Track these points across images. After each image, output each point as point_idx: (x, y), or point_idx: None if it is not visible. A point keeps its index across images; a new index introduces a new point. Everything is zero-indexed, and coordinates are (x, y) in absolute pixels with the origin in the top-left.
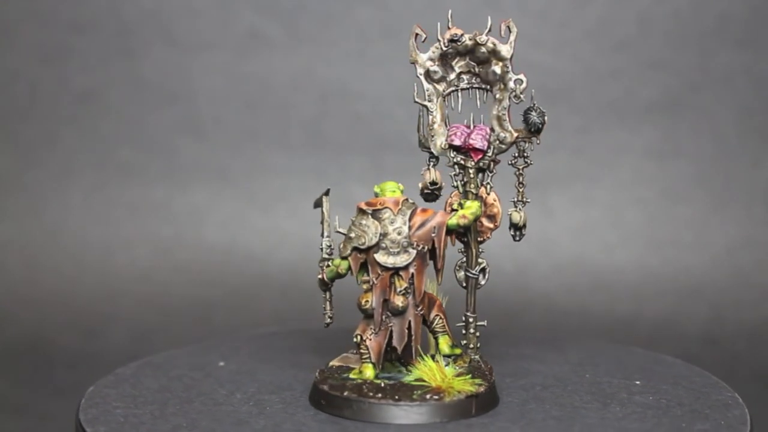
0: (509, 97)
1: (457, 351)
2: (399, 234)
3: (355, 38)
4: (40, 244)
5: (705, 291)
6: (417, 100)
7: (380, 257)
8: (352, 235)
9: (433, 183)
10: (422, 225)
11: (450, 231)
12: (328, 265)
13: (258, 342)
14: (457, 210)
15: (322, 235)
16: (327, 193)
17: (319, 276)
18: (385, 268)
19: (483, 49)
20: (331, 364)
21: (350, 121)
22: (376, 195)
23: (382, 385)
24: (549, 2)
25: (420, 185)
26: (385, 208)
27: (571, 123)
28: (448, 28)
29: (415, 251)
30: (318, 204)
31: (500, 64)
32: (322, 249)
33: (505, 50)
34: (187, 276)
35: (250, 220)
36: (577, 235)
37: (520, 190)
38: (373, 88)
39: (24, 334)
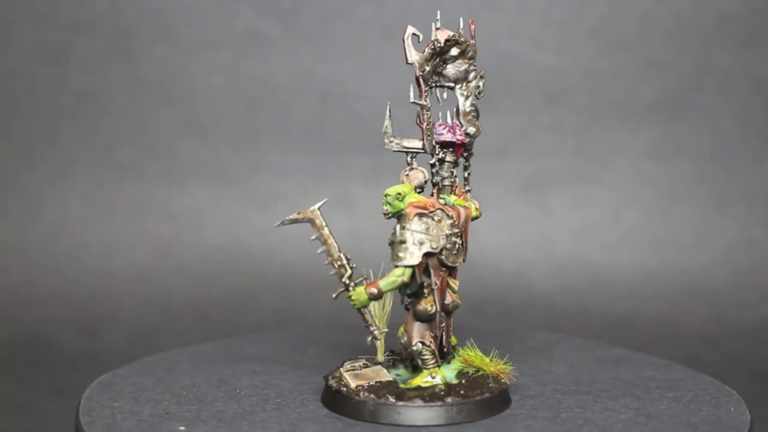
0: (475, 94)
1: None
2: (457, 233)
3: (355, 38)
4: (40, 244)
5: (705, 291)
6: (415, 101)
7: (448, 258)
8: (422, 240)
9: (426, 181)
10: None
11: None
12: (363, 280)
13: (260, 342)
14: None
15: (336, 251)
16: (320, 207)
17: (372, 291)
18: (447, 269)
19: (456, 49)
20: (354, 385)
21: (350, 121)
22: (402, 198)
23: (463, 382)
24: (549, 2)
25: (414, 185)
26: (437, 209)
27: (572, 123)
28: (438, 29)
29: (462, 248)
30: (293, 221)
31: (468, 62)
32: (343, 266)
33: (474, 49)
34: (187, 276)
35: (250, 220)
36: (577, 235)
37: (468, 179)
38: (373, 88)
39: (24, 334)
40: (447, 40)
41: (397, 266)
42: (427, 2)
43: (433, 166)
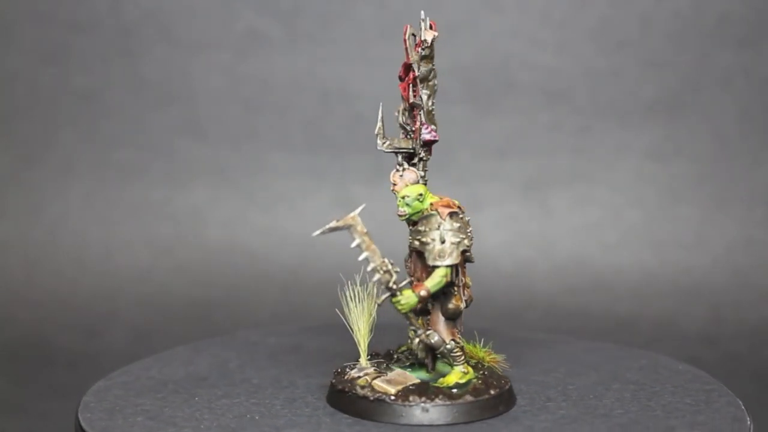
0: (433, 92)
1: None
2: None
3: (355, 38)
4: (40, 244)
5: (705, 291)
6: (416, 101)
7: (471, 256)
8: (459, 239)
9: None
10: None
11: None
12: (410, 283)
13: (259, 341)
14: None
15: (380, 257)
16: (359, 213)
17: (422, 293)
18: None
19: (428, 50)
20: (395, 391)
21: (350, 121)
22: (422, 198)
23: (485, 373)
24: (549, 2)
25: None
26: (458, 208)
27: (572, 123)
28: (425, 29)
29: None
30: (332, 229)
31: (431, 62)
32: (388, 271)
33: (434, 50)
34: (187, 276)
35: (250, 219)
36: (577, 235)
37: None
38: (373, 88)
39: (24, 335)
40: (433, 41)
41: (438, 266)
42: (427, 2)
43: (414, 165)
